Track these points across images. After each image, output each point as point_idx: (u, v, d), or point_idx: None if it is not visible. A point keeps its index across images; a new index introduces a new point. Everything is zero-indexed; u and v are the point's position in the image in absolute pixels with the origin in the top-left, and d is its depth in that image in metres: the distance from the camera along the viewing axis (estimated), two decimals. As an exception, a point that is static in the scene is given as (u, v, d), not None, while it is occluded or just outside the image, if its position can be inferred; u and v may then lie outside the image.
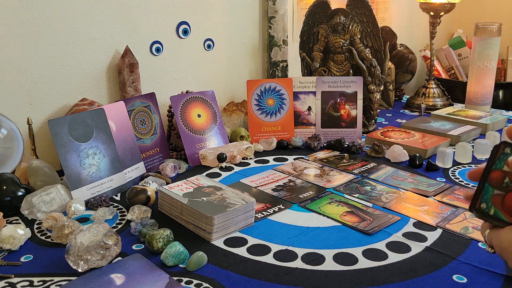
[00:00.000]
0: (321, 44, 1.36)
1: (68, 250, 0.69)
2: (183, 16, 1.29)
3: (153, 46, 1.25)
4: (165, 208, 0.88)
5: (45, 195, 0.87)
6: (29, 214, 0.85)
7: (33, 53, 1.05)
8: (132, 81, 1.18)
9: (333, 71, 1.36)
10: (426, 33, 1.65)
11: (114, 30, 1.17)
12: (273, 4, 1.46)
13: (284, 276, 0.69)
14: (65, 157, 0.90)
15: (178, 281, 0.67)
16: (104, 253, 0.70)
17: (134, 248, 0.77)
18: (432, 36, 1.58)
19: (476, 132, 1.32)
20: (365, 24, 1.36)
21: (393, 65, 1.66)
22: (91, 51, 1.14)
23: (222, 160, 1.11)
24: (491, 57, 1.49)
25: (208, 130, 1.20)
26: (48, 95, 1.09)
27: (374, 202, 0.92)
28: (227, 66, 1.44)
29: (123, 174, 0.99)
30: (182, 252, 0.71)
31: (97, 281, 0.67)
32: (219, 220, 0.78)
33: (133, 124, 1.08)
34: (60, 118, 0.92)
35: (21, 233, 0.77)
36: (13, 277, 0.69)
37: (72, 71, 1.12)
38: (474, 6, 2.11)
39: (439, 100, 1.62)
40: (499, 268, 0.70)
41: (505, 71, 1.95)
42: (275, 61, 1.51)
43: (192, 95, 1.20)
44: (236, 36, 1.44)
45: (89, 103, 1.10)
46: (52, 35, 1.07)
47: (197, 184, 0.90)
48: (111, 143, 0.98)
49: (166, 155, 1.16)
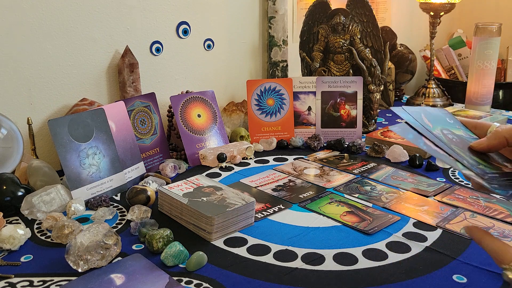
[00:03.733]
0: (321, 44, 1.36)
1: (68, 250, 0.69)
2: (183, 16, 1.29)
3: (153, 46, 1.25)
4: (165, 208, 0.88)
5: (45, 195, 0.87)
6: (29, 214, 0.85)
7: (33, 53, 1.05)
8: (132, 81, 1.18)
9: (333, 71, 1.36)
10: (426, 33, 1.65)
11: (114, 30, 1.17)
12: (273, 4, 1.46)
13: (284, 276, 0.69)
14: (65, 157, 0.90)
15: (178, 281, 0.67)
16: (104, 253, 0.70)
17: (134, 248, 0.77)
18: (432, 36, 1.58)
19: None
20: (365, 24, 1.36)
21: (393, 65, 1.66)
22: (91, 51, 1.14)
23: (222, 160, 1.11)
24: (491, 57, 1.49)
25: (208, 130, 1.20)
26: (48, 95, 1.09)
27: (374, 202, 0.92)
28: (227, 66, 1.44)
29: (123, 174, 0.99)
30: (182, 252, 0.71)
31: (97, 281, 0.67)
32: (219, 220, 0.78)
33: (133, 124, 1.08)
34: (60, 118, 0.92)
35: (21, 233, 0.77)
36: (13, 277, 0.69)
37: (72, 71, 1.12)
38: (474, 6, 2.11)
39: (439, 100, 1.62)
40: (499, 268, 0.69)
41: (505, 71, 1.95)
42: (275, 61, 1.51)
43: (192, 95, 1.20)
44: (236, 36, 1.44)
45: (89, 103, 1.10)
46: (52, 35, 1.07)
47: (197, 184, 0.90)
48: (111, 143, 0.98)
49: (166, 155, 1.16)
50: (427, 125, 0.56)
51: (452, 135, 0.57)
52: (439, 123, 0.58)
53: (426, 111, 0.59)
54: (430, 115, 0.59)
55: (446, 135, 0.56)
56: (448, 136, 0.56)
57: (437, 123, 0.57)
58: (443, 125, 0.58)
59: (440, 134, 0.56)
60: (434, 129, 0.56)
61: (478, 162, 0.53)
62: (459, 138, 0.57)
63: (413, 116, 0.56)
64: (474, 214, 0.86)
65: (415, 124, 0.56)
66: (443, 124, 0.58)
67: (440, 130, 0.56)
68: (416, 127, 0.55)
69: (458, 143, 0.56)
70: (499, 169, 0.54)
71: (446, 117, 0.61)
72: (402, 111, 0.58)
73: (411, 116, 0.57)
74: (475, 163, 0.53)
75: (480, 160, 0.55)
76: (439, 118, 0.59)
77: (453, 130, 0.58)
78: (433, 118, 0.58)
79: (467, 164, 0.52)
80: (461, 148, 0.55)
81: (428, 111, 0.60)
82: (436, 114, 0.60)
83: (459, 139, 0.57)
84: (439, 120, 0.59)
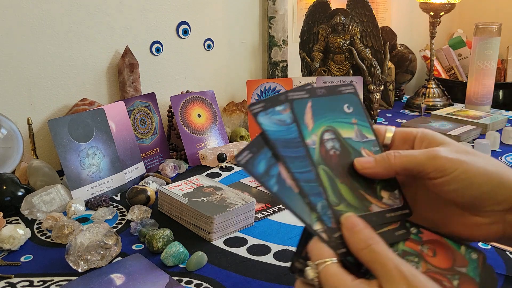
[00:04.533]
0: (321, 44, 1.36)
1: (68, 250, 0.69)
2: (183, 16, 1.29)
3: (153, 46, 1.25)
4: (165, 208, 0.88)
5: (45, 195, 0.87)
6: (29, 214, 0.85)
7: (33, 53, 1.05)
8: (132, 81, 1.18)
9: (333, 71, 1.36)
10: (426, 33, 1.65)
11: (114, 30, 1.17)
12: (273, 4, 1.46)
13: (284, 276, 0.69)
14: (65, 157, 0.90)
15: (178, 281, 0.67)
16: (104, 253, 0.70)
17: (134, 248, 0.77)
18: (432, 36, 1.58)
19: (476, 132, 1.32)
20: (365, 24, 1.36)
21: (393, 65, 1.66)
22: (91, 51, 1.14)
23: (222, 160, 1.11)
24: (491, 57, 1.49)
25: (208, 130, 1.20)
26: (48, 95, 1.09)
27: (374, 202, 0.92)
28: (227, 66, 1.44)
29: (123, 174, 0.99)
30: (182, 252, 0.71)
31: (97, 281, 0.67)
32: (219, 220, 0.78)
33: (133, 124, 1.08)
34: (60, 118, 0.92)
35: (21, 233, 0.77)
36: (13, 277, 0.68)
37: (72, 71, 1.12)
38: (474, 6, 2.11)
39: (439, 100, 1.62)
40: (499, 268, 0.69)
41: (505, 71, 1.95)
42: (275, 61, 1.51)
43: (192, 95, 1.20)
44: (236, 36, 1.44)
45: (89, 103, 1.10)
46: (52, 35, 1.07)
47: (197, 184, 0.90)
48: (111, 143, 0.98)
49: (166, 155, 1.16)
50: (304, 126, 0.40)
51: (334, 142, 0.41)
52: (328, 116, 0.41)
53: (316, 99, 0.42)
54: (320, 104, 0.41)
55: (324, 143, 0.40)
56: (326, 145, 0.40)
57: (324, 117, 0.41)
58: (333, 119, 0.42)
59: (315, 143, 0.39)
60: (314, 131, 0.40)
61: (342, 199, 0.38)
62: (341, 148, 0.41)
63: (295, 112, 0.40)
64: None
65: (278, 134, 0.38)
66: (334, 116, 0.42)
67: (321, 133, 0.40)
68: (276, 140, 0.37)
69: (335, 160, 0.40)
70: (366, 207, 0.39)
71: (344, 102, 0.43)
72: (260, 109, 0.38)
73: (284, 115, 0.39)
74: (334, 202, 0.38)
75: (349, 190, 0.39)
76: (333, 106, 0.42)
77: (343, 128, 0.42)
78: (323, 108, 0.41)
79: (319, 208, 0.37)
80: (334, 169, 0.39)
81: (320, 100, 0.42)
82: (331, 100, 0.42)
83: (341, 149, 0.41)
84: (331, 109, 0.42)
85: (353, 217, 0.37)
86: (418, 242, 0.40)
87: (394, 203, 0.41)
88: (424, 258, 0.39)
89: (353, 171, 0.40)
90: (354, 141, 0.42)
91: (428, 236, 0.40)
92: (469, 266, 0.39)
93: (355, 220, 0.37)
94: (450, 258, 0.39)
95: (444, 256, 0.39)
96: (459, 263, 0.39)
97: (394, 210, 0.40)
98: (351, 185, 0.40)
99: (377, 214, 0.39)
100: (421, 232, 0.41)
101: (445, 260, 0.39)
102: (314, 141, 0.39)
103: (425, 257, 0.39)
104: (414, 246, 0.39)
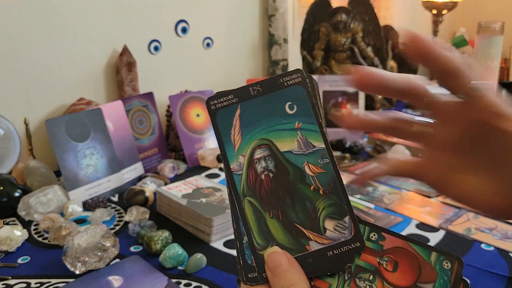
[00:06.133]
0: (322, 43, 1.35)
1: (66, 251, 0.68)
2: (181, 14, 1.28)
3: (151, 45, 1.24)
4: (164, 209, 0.87)
5: (42, 195, 0.86)
6: (26, 215, 0.84)
7: (30, 53, 1.04)
8: (130, 80, 1.17)
9: (334, 69, 1.35)
10: (428, 31, 1.64)
11: (112, 29, 1.15)
12: (273, 2, 1.45)
13: (284, 278, 0.68)
14: (62, 158, 0.89)
15: (177, 283, 0.66)
16: (101, 255, 0.69)
17: (132, 250, 0.76)
18: (435, 35, 1.57)
19: (478, 132, 1.31)
20: (367, 22, 1.35)
21: (395, 64, 1.65)
22: (89, 50, 1.13)
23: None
24: (493, 56, 1.47)
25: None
26: (45, 94, 1.08)
27: (376, 203, 0.91)
28: (227, 65, 1.43)
29: (121, 174, 0.98)
30: (181, 254, 0.70)
31: (95, 283, 0.66)
32: (218, 221, 0.77)
33: (131, 124, 1.07)
34: (57, 118, 0.91)
35: (18, 234, 0.76)
36: (10, 279, 0.68)
37: (70, 70, 1.11)
38: (477, 4, 2.10)
39: (441, 99, 1.61)
40: (502, 270, 0.68)
41: (508, 70, 1.94)
42: (275, 60, 1.50)
43: (191, 95, 1.19)
44: (235, 34, 1.43)
45: (87, 103, 1.09)
46: (49, 34, 1.06)
47: (196, 185, 0.89)
48: (109, 143, 0.97)
49: (165, 155, 1.15)
50: (229, 145, 0.32)
51: (266, 161, 0.32)
52: (263, 124, 0.32)
53: (248, 102, 0.32)
54: (252, 109, 0.32)
55: (254, 165, 0.32)
56: (256, 166, 0.32)
57: (257, 126, 0.32)
58: (269, 127, 0.32)
59: (242, 167, 0.32)
60: (241, 150, 0.32)
61: (271, 239, 0.32)
62: (276, 168, 0.32)
63: (217, 127, 0.32)
64: (477, 215, 0.85)
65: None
66: (271, 123, 0.32)
67: (250, 150, 0.32)
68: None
69: (267, 186, 0.32)
70: (303, 245, 0.32)
71: (286, 100, 0.32)
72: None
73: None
74: (259, 245, 0.32)
75: (281, 226, 0.32)
76: (270, 108, 0.32)
77: (280, 139, 0.32)
78: (257, 113, 0.32)
79: (245, 245, 0.32)
80: (264, 200, 0.32)
81: (253, 102, 0.32)
82: (269, 100, 0.32)
83: (277, 169, 0.32)
84: (268, 113, 0.32)
85: (276, 254, 0.31)
86: (377, 253, 0.33)
87: (340, 235, 0.32)
88: (381, 274, 0.33)
89: (291, 196, 0.32)
90: (295, 154, 0.32)
91: (392, 243, 0.33)
92: (437, 280, 0.33)
93: (279, 258, 0.31)
94: (415, 272, 0.33)
95: (407, 269, 0.33)
96: (424, 278, 0.33)
97: (339, 245, 0.32)
98: (284, 218, 0.32)
99: (315, 254, 0.32)
100: (383, 238, 0.33)
101: (407, 275, 0.33)
102: (241, 164, 0.32)
103: (382, 273, 0.33)
104: (371, 259, 0.33)
